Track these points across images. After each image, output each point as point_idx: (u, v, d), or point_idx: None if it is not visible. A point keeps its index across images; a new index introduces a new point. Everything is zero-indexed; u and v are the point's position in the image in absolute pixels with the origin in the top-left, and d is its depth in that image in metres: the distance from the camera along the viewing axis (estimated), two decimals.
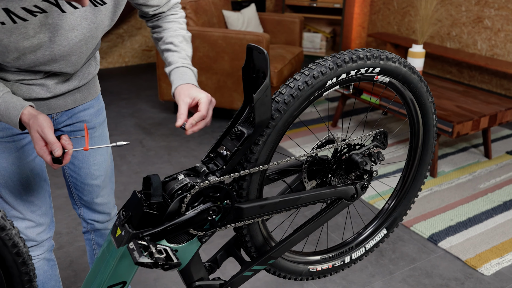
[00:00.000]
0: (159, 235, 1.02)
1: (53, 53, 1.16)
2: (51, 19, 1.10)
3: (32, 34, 1.09)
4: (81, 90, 1.35)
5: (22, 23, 1.05)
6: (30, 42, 1.10)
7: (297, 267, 1.37)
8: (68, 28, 1.14)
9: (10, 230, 0.93)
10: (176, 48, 1.31)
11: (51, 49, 1.15)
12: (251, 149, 1.11)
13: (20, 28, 1.06)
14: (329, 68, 1.13)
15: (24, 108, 1.10)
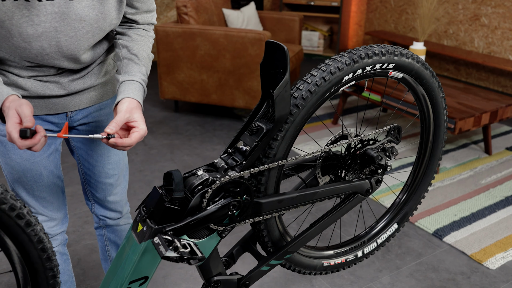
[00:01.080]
0: (181, 230, 1.03)
1: (59, 43, 1.15)
2: (57, 7, 1.09)
3: (36, 21, 1.09)
4: (97, 89, 1.35)
5: (23, 2, 1.04)
6: (34, 30, 1.09)
7: (312, 262, 1.38)
8: (75, 18, 1.13)
9: (35, 226, 0.94)
10: (139, 61, 1.26)
11: (57, 39, 1.14)
12: (270, 145, 1.12)
13: (21, 9, 1.05)
14: (345, 63, 1.15)
15: (9, 95, 1.06)
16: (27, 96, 1.23)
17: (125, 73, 1.23)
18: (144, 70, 1.26)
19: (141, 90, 1.21)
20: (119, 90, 1.19)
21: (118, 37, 1.30)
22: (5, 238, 0.92)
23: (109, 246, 1.63)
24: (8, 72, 1.19)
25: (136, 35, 1.30)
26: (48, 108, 1.27)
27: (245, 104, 3.66)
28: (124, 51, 1.27)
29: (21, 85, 1.21)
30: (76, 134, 1.40)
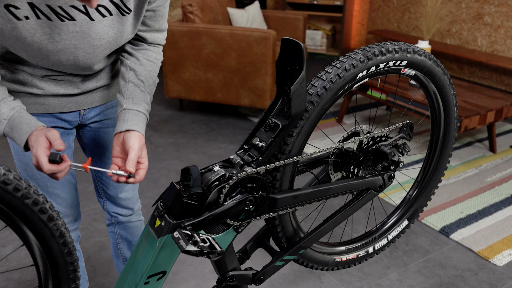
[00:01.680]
0: (199, 225, 1.04)
1: (77, 58, 1.17)
2: (79, 27, 1.11)
3: (57, 39, 1.10)
4: (110, 87, 1.36)
5: (46, 21, 1.06)
6: (54, 46, 1.11)
7: (324, 258, 1.39)
8: (95, 37, 1.15)
9: (57, 221, 0.95)
10: (144, 89, 1.25)
11: (75, 55, 1.16)
12: (285, 141, 1.13)
13: (44, 27, 1.06)
14: (359, 61, 1.16)
15: (38, 126, 1.08)
16: (42, 95, 1.24)
17: (129, 99, 1.22)
18: (149, 99, 1.26)
19: (145, 122, 1.22)
20: (123, 117, 1.19)
21: (125, 56, 1.29)
22: (28, 232, 0.93)
23: (121, 243, 1.64)
24: (22, 71, 1.20)
25: (145, 60, 1.28)
26: (62, 106, 1.29)
27: (250, 102, 3.67)
28: (131, 74, 1.25)
29: (36, 84, 1.22)
30: (88, 131, 1.41)
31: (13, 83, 1.20)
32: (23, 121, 1.07)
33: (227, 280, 1.20)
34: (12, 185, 0.87)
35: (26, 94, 1.22)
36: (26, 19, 1.03)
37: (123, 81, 1.25)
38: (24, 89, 1.21)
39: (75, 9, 1.07)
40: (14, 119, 1.07)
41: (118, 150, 1.16)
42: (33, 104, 1.24)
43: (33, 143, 1.04)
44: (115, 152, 1.16)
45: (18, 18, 1.02)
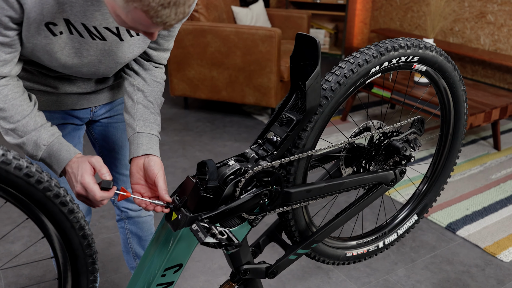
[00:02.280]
0: (215, 219, 1.05)
1: (98, 71, 1.20)
2: (108, 46, 1.13)
3: (85, 54, 1.12)
4: (120, 84, 1.38)
5: (77, 37, 1.08)
6: (80, 60, 1.13)
7: (335, 252, 1.41)
8: (121, 55, 1.17)
9: (77, 214, 0.96)
10: (154, 111, 1.24)
11: (97, 68, 1.18)
12: (299, 135, 1.15)
13: (74, 42, 1.08)
14: (373, 56, 1.17)
15: (77, 154, 1.08)
16: (55, 93, 1.26)
17: (140, 121, 1.20)
18: (159, 120, 1.25)
19: (158, 144, 1.22)
20: (137, 141, 1.18)
21: (132, 75, 1.27)
22: (49, 224, 0.95)
23: (131, 238, 1.65)
24: (37, 71, 1.21)
25: (152, 80, 1.27)
26: (74, 104, 1.30)
27: (255, 100, 3.69)
28: (140, 95, 1.24)
29: (50, 83, 1.23)
30: (98, 126, 1.42)
31: (26, 81, 1.21)
32: (62, 148, 1.07)
33: (241, 274, 1.21)
34: (34, 178, 0.88)
35: (40, 92, 1.23)
36: (60, 34, 1.05)
37: (131, 101, 1.24)
38: (38, 87, 1.22)
39: (108, 30, 1.09)
40: (53, 145, 1.07)
41: (138, 177, 1.14)
42: (46, 101, 1.25)
43: (75, 170, 1.04)
44: (135, 179, 1.14)
45: (54, 34, 1.04)
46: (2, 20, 0.97)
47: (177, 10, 0.87)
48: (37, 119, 1.07)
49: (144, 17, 0.86)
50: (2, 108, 1.04)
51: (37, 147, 1.07)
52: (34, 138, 1.06)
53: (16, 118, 1.05)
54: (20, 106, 1.05)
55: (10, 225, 2.36)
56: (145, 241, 1.64)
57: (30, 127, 1.06)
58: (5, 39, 0.98)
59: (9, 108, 1.04)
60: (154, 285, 1.09)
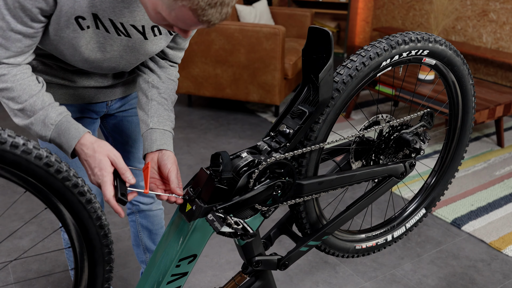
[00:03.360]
0: (229, 210, 1.07)
1: (118, 66, 1.21)
2: (132, 43, 1.14)
3: (108, 49, 1.13)
4: (134, 79, 1.39)
5: (103, 32, 1.09)
6: (103, 55, 1.14)
7: (345, 245, 1.42)
8: (143, 52, 1.19)
9: (94, 204, 0.97)
10: (168, 107, 1.26)
11: (118, 63, 1.19)
12: (312, 128, 1.16)
13: (99, 37, 1.09)
14: (384, 49, 1.18)
15: (86, 132, 1.07)
16: (73, 86, 1.27)
17: (154, 117, 1.22)
18: (173, 117, 1.26)
19: (172, 139, 1.23)
20: (151, 137, 1.19)
21: (147, 72, 1.28)
22: (66, 214, 0.96)
23: (142, 231, 1.66)
24: (55, 65, 1.22)
25: (167, 78, 1.29)
26: (91, 97, 1.31)
27: (259, 98, 3.70)
28: (154, 92, 1.25)
29: (68, 76, 1.24)
30: (112, 119, 1.44)
31: (44, 74, 1.22)
32: (71, 126, 1.06)
33: (253, 265, 1.22)
34: (54, 167, 0.90)
35: (58, 85, 1.25)
36: (87, 28, 1.06)
37: (145, 98, 1.25)
38: (55, 81, 1.24)
39: (134, 28, 1.11)
40: (62, 124, 1.06)
41: (152, 171, 1.16)
42: (64, 95, 1.26)
43: (92, 160, 1.03)
44: (151, 173, 1.16)
45: (82, 28, 1.05)
46: (32, 11, 0.97)
47: (222, 10, 0.90)
48: (45, 98, 1.06)
49: (190, 15, 0.88)
50: (11, 88, 1.03)
51: (45, 127, 1.06)
52: (41, 117, 1.05)
53: (24, 98, 1.04)
54: (28, 86, 1.04)
55: (17, 221, 2.38)
56: (156, 234, 1.65)
57: (37, 106, 1.05)
58: (29, 30, 1.00)
59: (17, 88, 1.03)
60: (168, 275, 1.10)
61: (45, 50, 1.15)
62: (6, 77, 1.03)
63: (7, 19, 0.97)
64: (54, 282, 1.97)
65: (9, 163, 0.85)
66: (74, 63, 1.15)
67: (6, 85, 1.03)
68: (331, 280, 2.00)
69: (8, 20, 0.97)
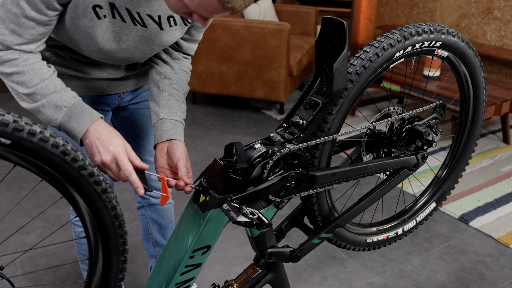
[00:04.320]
0: (244, 200, 1.06)
1: (132, 57, 1.20)
2: (147, 33, 1.14)
3: (124, 39, 1.13)
4: (147, 71, 1.39)
5: (119, 22, 1.08)
6: (118, 45, 1.14)
7: (356, 238, 1.42)
8: (158, 43, 1.18)
9: (110, 193, 0.97)
10: (179, 98, 1.25)
11: (132, 54, 1.19)
12: (325, 119, 1.15)
13: (115, 26, 1.09)
14: (397, 40, 1.18)
15: (99, 117, 1.06)
16: (86, 78, 1.27)
17: (165, 108, 1.22)
18: (184, 108, 1.26)
19: (183, 130, 1.23)
20: (161, 127, 1.19)
21: (159, 63, 1.28)
22: (81, 203, 0.95)
23: (151, 225, 1.66)
24: (69, 56, 1.22)
25: (179, 69, 1.29)
26: (104, 89, 1.31)
27: (264, 95, 3.69)
28: (166, 82, 1.25)
29: (81, 68, 1.24)
30: (124, 112, 1.43)
31: (57, 66, 1.22)
32: (85, 110, 1.04)
33: (265, 257, 1.22)
34: (70, 156, 0.89)
35: (71, 77, 1.24)
36: (104, 17, 1.06)
37: (157, 89, 1.25)
38: (69, 72, 1.23)
39: (150, 18, 1.10)
40: (76, 108, 1.04)
41: (162, 161, 1.16)
42: (77, 86, 1.26)
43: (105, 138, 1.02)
44: (160, 163, 1.16)
45: (98, 17, 1.05)
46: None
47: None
48: (57, 82, 1.05)
49: (214, 2, 0.88)
50: (22, 71, 1.02)
51: (57, 110, 1.03)
52: (54, 100, 1.03)
53: (35, 81, 1.02)
54: (39, 70, 1.03)
55: (24, 217, 2.38)
56: (165, 229, 1.65)
57: (49, 90, 1.03)
58: (43, 17, 0.99)
59: (28, 71, 1.02)
60: (182, 266, 1.10)
61: (59, 41, 1.15)
62: (18, 61, 1.01)
63: (21, 5, 0.96)
64: (62, 277, 1.97)
65: (26, 151, 0.85)
66: (89, 54, 1.15)
67: (17, 69, 1.01)
68: (340, 275, 2.00)
69: (23, 6, 0.96)
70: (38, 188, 2.64)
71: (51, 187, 2.65)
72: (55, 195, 2.58)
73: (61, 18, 1.05)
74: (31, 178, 2.76)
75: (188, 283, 1.13)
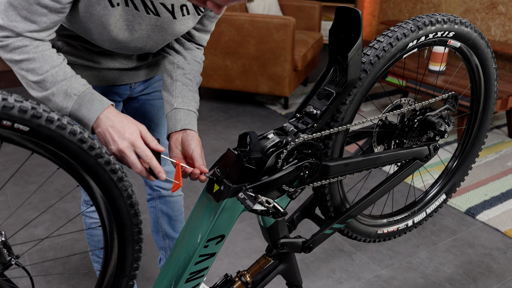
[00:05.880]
0: (259, 189, 1.06)
1: (145, 46, 1.20)
2: (160, 22, 1.13)
3: (136, 28, 1.12)
4: (158, 62, 1.39)
5: (132, 10, 1.08)
6: (130, 34, 1.13)
7: (367, 229, 1.42)
8: (170, 32, 1.18)
9: (125, 182, 0.97)
10: (193, 88, 1.25)
11: (144, 43, 1.18)
12: (338, 109, 1.15)
13: (128, 15, 1.08)
14: (411, 30, 1.18)
15: (110, 104, 1.05)
16: (97, 68, 1.26)
17: (178, 98, 1.22)
18: (197, 98, 1.26)
19: (196, 120, 1.23)
20: (175, 117, 1.19)
21: (172, 53, 1.28)
22: (97, 192, 0.95)
23: (161, 217, 1.66)
24: (81, 46, 1.22)
25: (192, 59, 1.28)
26: (115, 79, 1.31)
27: (269, 89, 3.69)
28: (179, 72, 1.25)
29: (93, 58, 1.24)
30: (135, 103, 1.43)
31: (69, 55, 1.22)
32: (95, 98, 1.03)
33: (278, 247, 1.22)
34: (87, 144, 0.89)
35: (83, 67, 1.24)
36: (117, 5, 1.05)
37: (170, 79, 1.25)
38: (80, 62, 1.23)
39: (163, 7, 1.10)
40: (86, 95, 1.02)
41: (176, 151, 1.16)
42: (89, 76, 1.26)
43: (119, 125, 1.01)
44: (174, 153, 1.16)
45: (112, 5, 1.05)
46: None
47: None
48: (67, 70, 1.04)
49: None
50: (32, 58, 1.00)
51: (67, 97, 1.02)
52: (64, 87, 1.01)
53: (46, 68, 1.01)
54: (50, 57, 1.02)
55: (31, 210, 2.38)
56: (175, 221, 1.65)
57: (59, 77, 1.02)
58: (56, 5, 0.99)
59: (39, 58, 1.01)
60: (196, 256, 1.10)
61: (71, 30, 1.14)
62: (28, 48, 1.00)
63: None
64: (71, 269, 1.97)
65: (43, 138, 0.85)
66: (101, 43, 1.14)
67: (27, 55, 1.00)
68: (348, 267, 2.00)
69: None
70: (44, 182, 2.64)
71: (57, 181, 2.65)
72: (61, 189, 2.58)
73: (74, 6, 1.05)
74: (37, 172, 2.76)
75: (202, 272, 1.13)
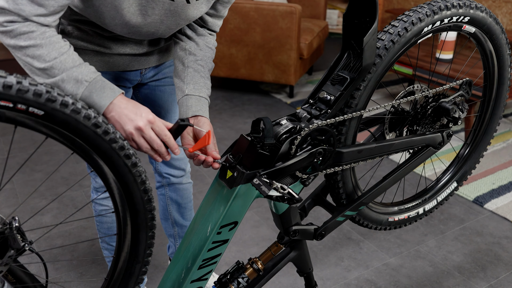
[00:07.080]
0: (272, 175, 1.05)
1: (157, 31, 1.18)
2: (174, 6, 1.12)
3: (149, 13, 1.11)
4: (169, 47, 1.37)
5: None
6: (143, 19, 1.12)
7: (379, 217, 1.41)
8: (183, 17, 1.16)
9: (139, 167, 0.96)
10: (205, 75, 1.24)
11: (157, 28, 1.17)
12: (352, 95, 1.14)
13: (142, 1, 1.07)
14: (426, 14, 1.16)
15: (121, 92, 1.03)
16: (108, 53, 1.25)
17: (190, 84, 1.20)
18: (209, 84, 1.24)
19: (208, 106, 1.22)
20: (186, 103, 1.18)
21: (184, 39, 1.27)
22: (111, 177, 0.95)
23: (171, 205, 1.66)
24: (92, 31, 1.20)
25: (205, 45, 1.27)
26: (126, 65, 1.30)
27: (275, 78, 3.67)
28: (191, 58, 1.24)
29: (104, 43, 1.22)
30: (145, 89, 1.42)
31: (80, 41, 1.20)
32: (106, 85, 1.01)
33: (290, 234, 1.21)
34: (102, 128, 0.88)
35: (93, 52, 1.23)
36: None
37: (182, 65, 1.23)
38: (91, 47, 1.22)
39: None
40: (97, 82, 1.00)
41: (188, 138, 1.14)
42: (99, 62, 1.24)
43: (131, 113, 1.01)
44: (186, 140, 1.14)
45: None
46: None
47: None
48: (75, 57, 1.01)
49: None
50: (39, 44, 0.97)
51: (78, 84, 0.99)
52: (74, 74, 0.99)
53: (53, 55, 0.98)
54: (57, 43, 0.99)
55: (38, 198, 2.38)
56: (184, 208, 1.65)
57: (68, 64, 0.99)
58: None
59: (46, 44, 0.98)
60: (209, 242, 1.09)
61: (82, 15, 1.13)
62: (35, 34, 0.97)
63: None
64: (79, 257, 1.98)
65: (58, 123, 0.84)
66: (113, 28, 1.13)
67: (34, 42, 0.97)
68: (356, 255, 1.99)
69: None
70: (50, 170, 2.64)
71: (63, 169, 2.65)
72: (68, 177, 2.58)
73: None
74: (43, 160, 2.76)
75: (215, 259, 1.13)
